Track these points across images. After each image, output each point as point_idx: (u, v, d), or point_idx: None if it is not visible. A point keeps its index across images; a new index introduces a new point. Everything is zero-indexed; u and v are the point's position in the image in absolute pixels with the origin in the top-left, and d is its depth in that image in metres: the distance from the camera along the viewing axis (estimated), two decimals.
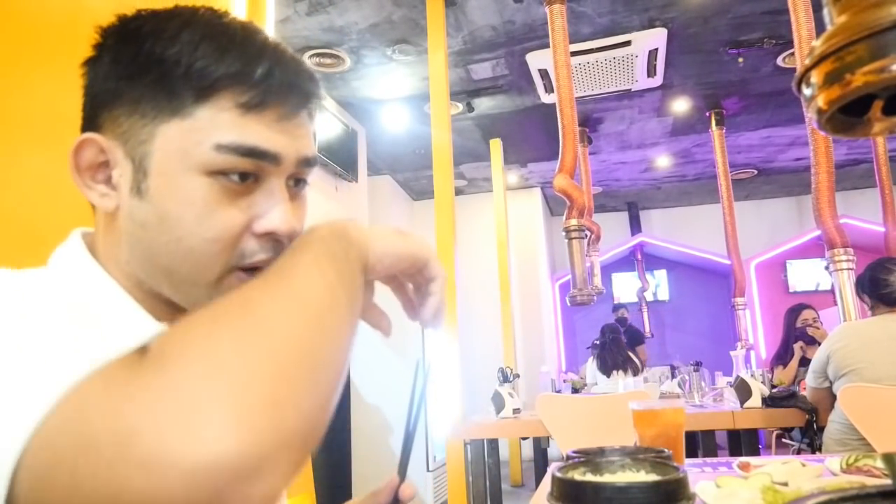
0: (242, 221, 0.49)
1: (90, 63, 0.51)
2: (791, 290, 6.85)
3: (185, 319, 0.36)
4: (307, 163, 0.52)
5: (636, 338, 5.97)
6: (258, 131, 0.48)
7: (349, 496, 3.83)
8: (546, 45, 3.27)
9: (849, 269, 2.61)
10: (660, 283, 7.93)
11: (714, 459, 1.34)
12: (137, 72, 0.47)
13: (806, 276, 6.87)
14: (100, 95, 0.50)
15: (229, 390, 0.31)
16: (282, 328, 0.36)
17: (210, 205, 0.47)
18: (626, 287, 7.93)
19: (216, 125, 0.47)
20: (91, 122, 0.51)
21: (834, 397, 2.25)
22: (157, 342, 0.34)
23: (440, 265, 0.53)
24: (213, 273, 0.49)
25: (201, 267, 0.49)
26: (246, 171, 0.48)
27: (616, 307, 6.48)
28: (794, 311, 3.62)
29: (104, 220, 0.52)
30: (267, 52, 0.49)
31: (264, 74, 0.47)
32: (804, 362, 3.28)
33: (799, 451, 2.89)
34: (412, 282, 0.55)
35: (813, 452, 2.50)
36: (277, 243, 0.51)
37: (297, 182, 0.54)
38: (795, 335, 3.54)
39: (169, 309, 0.52)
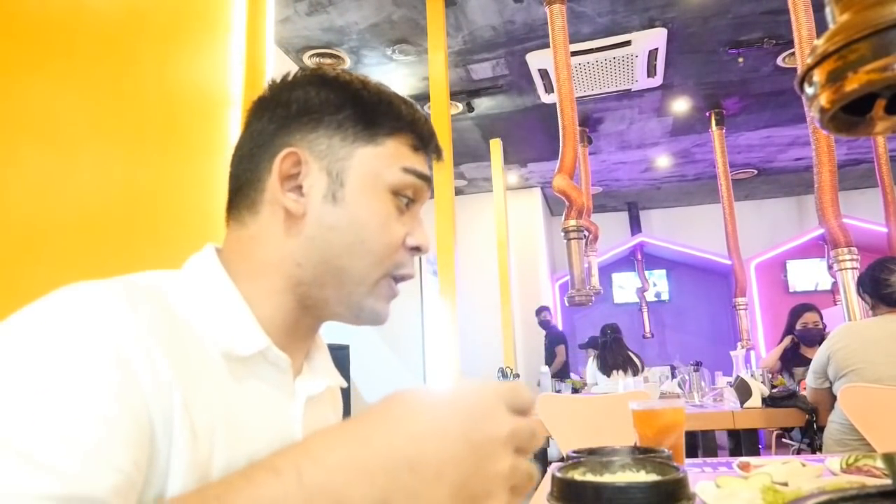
0: (404, 234, 0.62)
1: (290, 89, 0.62)
2: (791, 290, 6.85)
3: None
4: (430, 196, 0.68)
5: (559, 338, 6.15)
6: (421, 163, 0.64)
7: None
8: (546, 45, 3.27)
9: (853, 268, 2.61)
10: (657, 283, 7.92)
11: (714, 459, 1.34)
12: (342, 105, 0.60)
13: (806, 276, 6.87)
14: (299, 119, 0.60)
15: None
16: None
17: (391, 216, 0.60)
18: (626, 287, 7.93)
19: (399, 155, 0.61)
20: (280, 137, 0.60)
21: (834, 398, 2.24)
22: None
23: None
24: (377, 274, 0.60)
25: (372, 267, 0.59)
26: (416, 190, 0.63)
27: (539, 310, 6.40)
28: (796, 312, 3.61)
29: (284, 226, 0.59)
30: (422, 112, 0.66)
31: (428, 129, 0.65)
32: (803, 362, 3.27)
33: (799, 451, 2.88)
34: None
35: (813, 452, 2.50)
36: (417, 255, 0.65)
37: None
38: (794, 336, 3.54)
39: (289, 323, 0.60)
